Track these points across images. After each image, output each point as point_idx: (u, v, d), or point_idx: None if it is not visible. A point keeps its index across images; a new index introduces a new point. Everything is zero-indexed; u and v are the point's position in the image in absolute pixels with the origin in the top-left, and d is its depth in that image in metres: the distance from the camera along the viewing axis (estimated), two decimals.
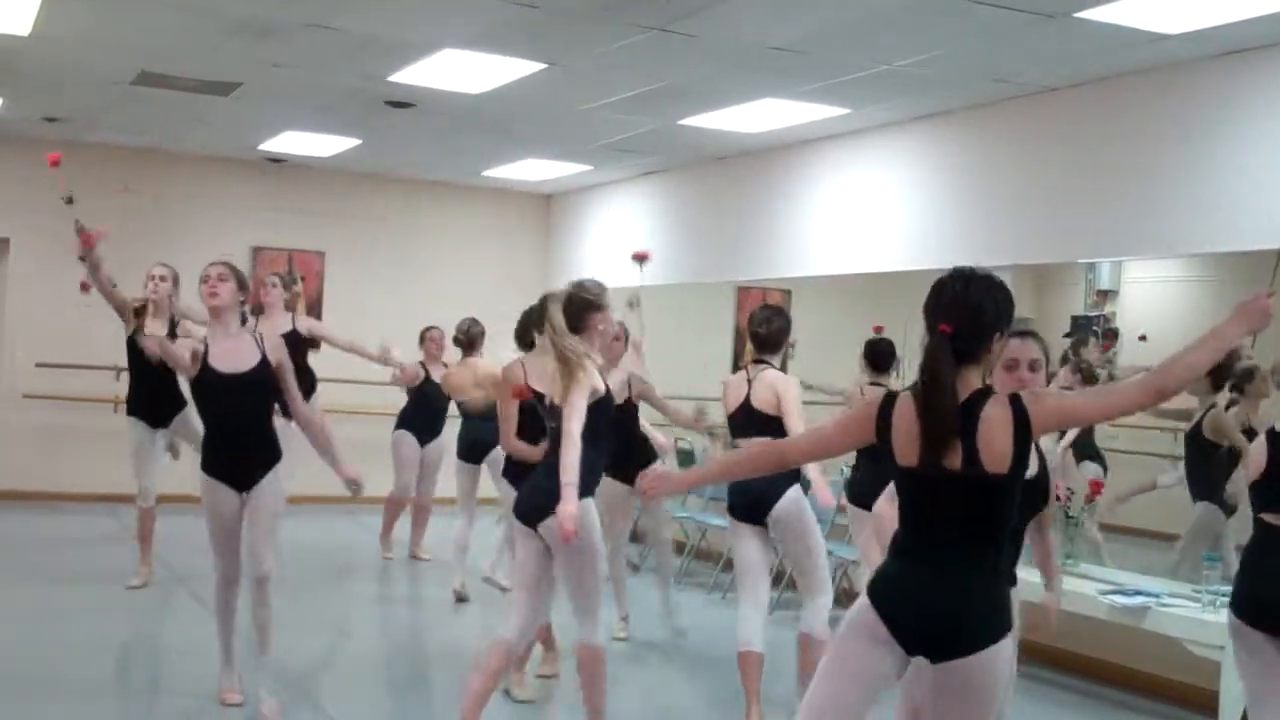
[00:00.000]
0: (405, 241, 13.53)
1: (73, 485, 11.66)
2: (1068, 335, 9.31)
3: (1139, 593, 6.68)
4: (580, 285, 5.40)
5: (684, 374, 8.82)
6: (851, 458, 7.54)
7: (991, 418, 3.28)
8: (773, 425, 5.81)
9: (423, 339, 9.92)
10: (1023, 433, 3.27)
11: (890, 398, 3.47)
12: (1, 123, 11.37)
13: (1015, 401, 3.29)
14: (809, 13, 6.68)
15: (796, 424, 5.74)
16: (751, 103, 8.80)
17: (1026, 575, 4.18)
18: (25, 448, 11.87)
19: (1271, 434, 4.38)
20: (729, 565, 9.36)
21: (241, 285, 5.81)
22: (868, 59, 7.52)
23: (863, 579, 7.58)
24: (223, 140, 11.86)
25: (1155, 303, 9.18)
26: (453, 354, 9.28)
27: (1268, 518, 4.33)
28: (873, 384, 7.54)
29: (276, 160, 12.76)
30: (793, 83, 8.18)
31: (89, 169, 12.31)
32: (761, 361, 6.03)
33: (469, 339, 8.84)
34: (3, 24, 7.83)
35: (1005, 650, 3.29)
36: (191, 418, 7.78)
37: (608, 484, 6.07)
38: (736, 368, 11.42)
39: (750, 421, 5.89)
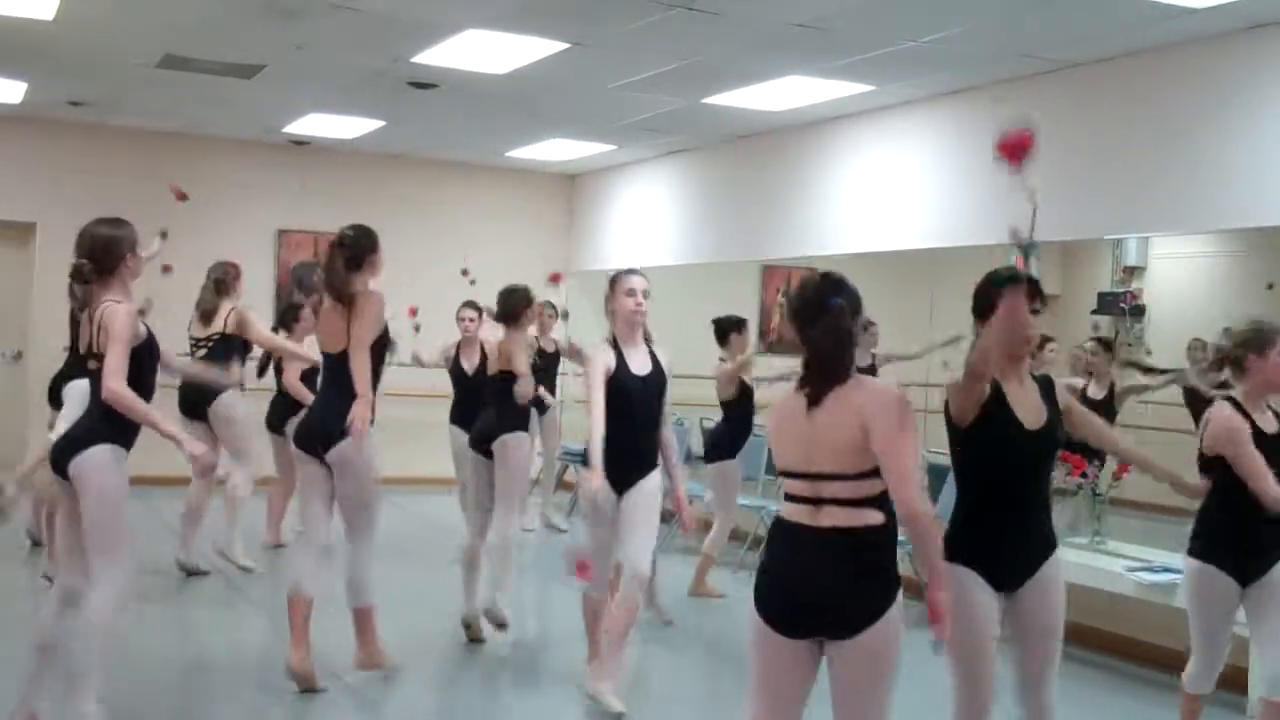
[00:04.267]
0: (430, 223, 13.53)
1: None
2: (1095, 312, 9.28)
3: (1166, 569, 6.66)
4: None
5: (708, 353, 8.81)
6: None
7: None
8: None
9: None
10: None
11: None
12: (27, 107, 11.42)
13: None
14: None
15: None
16: (775, 80, 8.77)
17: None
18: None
19: None
20: (756, 543, 9.39)
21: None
22: (892, 35, 7.48)
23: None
24: (247, 123, 11.89)
25: (1182, 278, 9.13)
26: None
27: None
28: (721, 359, 8.60)
29: (301, 142, 12.78)
30: (816, 60, 8.15)
31: (114, 152, 12.40)
32: None
33: None
34: (27, 8, 7.86)
35: None
36: None
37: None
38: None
39: None
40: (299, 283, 12.79)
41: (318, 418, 6.06)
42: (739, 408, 8.64)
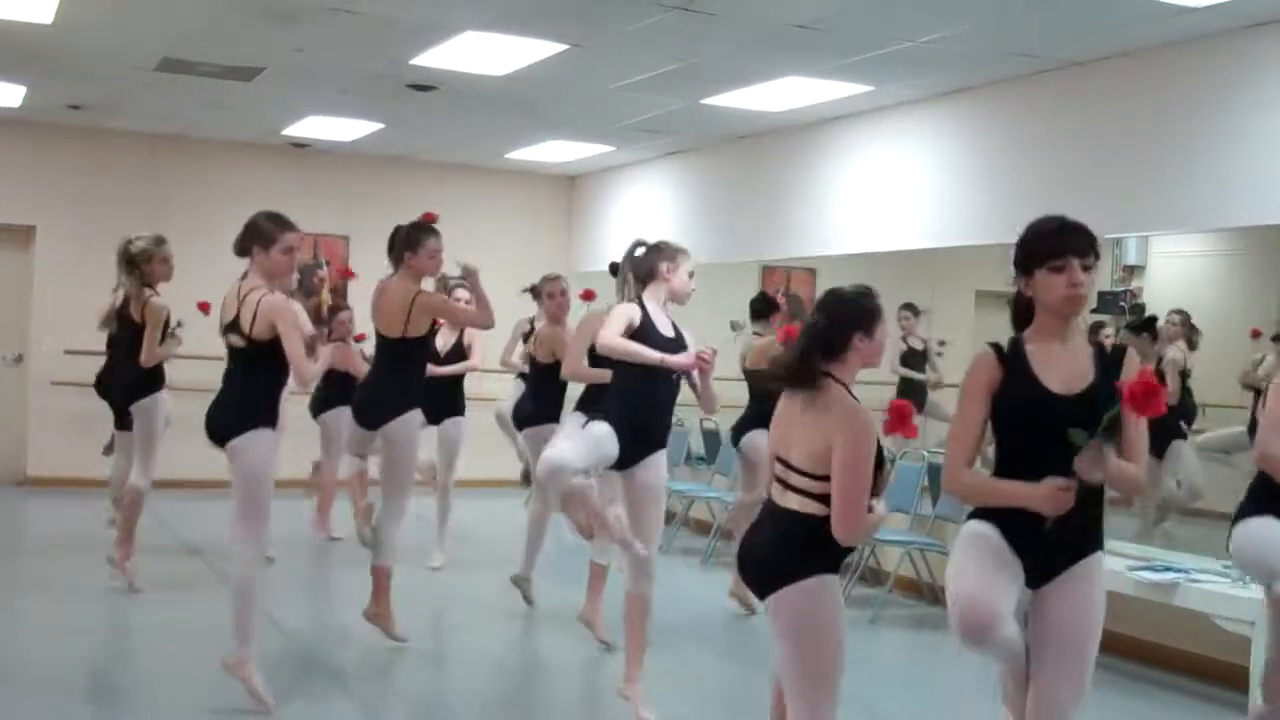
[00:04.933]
0: None
1: (104, 472, 11.72)
2: (1095, 310, 9.27)
3: (1168, 568, 6.66)
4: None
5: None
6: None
7: None
8: None
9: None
10: None
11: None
12: (26, 110, 11.43)
13: None
14: None
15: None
16: (774, 81, 8.78)
17: None
18: (55, 435, 11.95)
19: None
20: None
21: None
22: (890, 36, 7.48)
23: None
24: (246, 126, 11.90)
25: (1182, 277, 9.12)
26: None
27: None
28: (756, 333, 8.40)
29: (300, 145, 12.79)
30: (815, 60, 8.16)
31: (113, 156, 12.40)
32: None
33: None
34: (26, 12, 7.86)
35: None
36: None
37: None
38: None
39: None
40: (299, 285, 12.79)
41: (373, 396, 6.68)
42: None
